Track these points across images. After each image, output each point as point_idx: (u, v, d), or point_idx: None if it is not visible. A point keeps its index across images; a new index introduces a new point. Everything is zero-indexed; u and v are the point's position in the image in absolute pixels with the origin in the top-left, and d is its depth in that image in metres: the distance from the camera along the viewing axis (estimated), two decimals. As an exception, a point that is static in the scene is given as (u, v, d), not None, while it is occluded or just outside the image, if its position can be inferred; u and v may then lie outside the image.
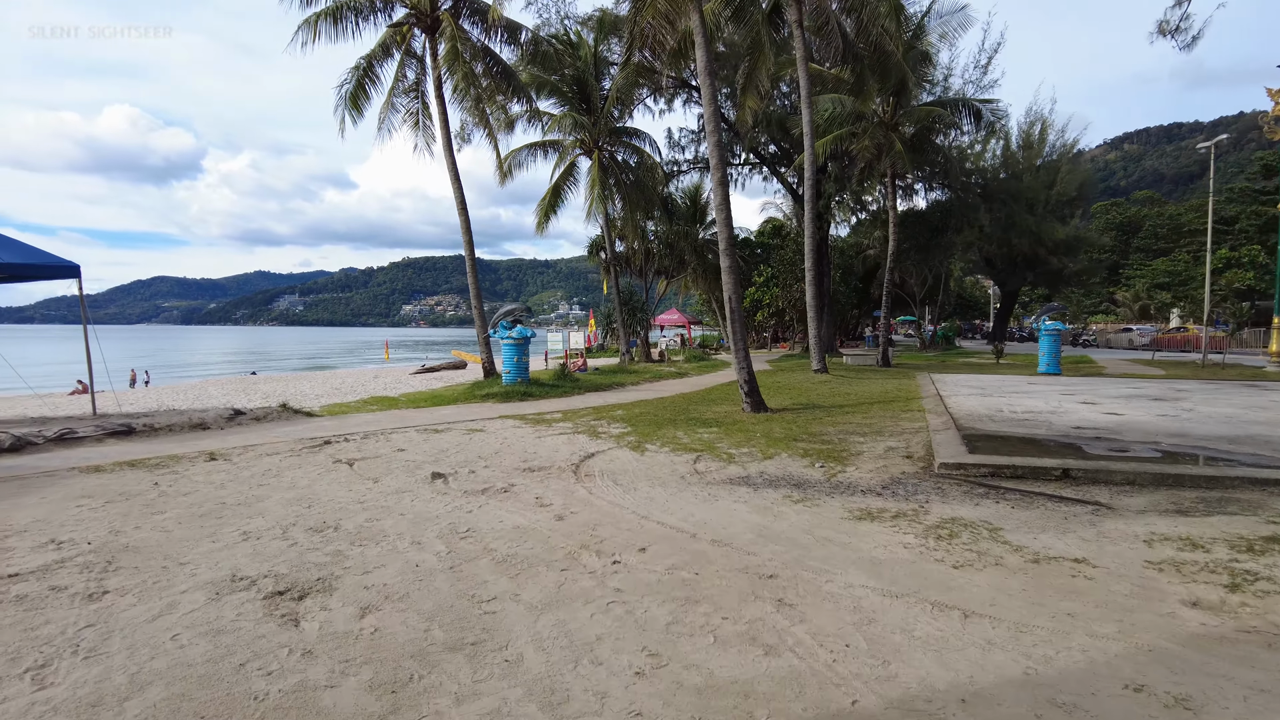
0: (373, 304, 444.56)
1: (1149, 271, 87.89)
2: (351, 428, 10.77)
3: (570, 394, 15.16)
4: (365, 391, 22.03)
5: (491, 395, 14.32)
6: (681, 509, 5.91)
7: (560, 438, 9.80)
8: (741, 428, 10.48)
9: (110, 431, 9.38)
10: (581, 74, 27.16)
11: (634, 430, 10.38)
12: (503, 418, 11.89)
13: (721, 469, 7.63)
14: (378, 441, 9.52)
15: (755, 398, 11.84)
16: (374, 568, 4.45)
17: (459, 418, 11.95)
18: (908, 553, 4.76)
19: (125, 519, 5.63)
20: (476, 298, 18.13)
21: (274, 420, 11.32)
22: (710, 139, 11.85)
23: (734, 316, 11.93)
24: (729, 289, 11.90)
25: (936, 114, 23.00)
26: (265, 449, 8.91)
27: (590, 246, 35.97)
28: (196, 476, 7.29)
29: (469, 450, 8.84)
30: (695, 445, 9.05)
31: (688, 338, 52.31)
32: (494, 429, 10.68)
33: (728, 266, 11.85)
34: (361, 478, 7.23)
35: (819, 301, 19.17)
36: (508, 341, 15.39)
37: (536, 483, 6.98)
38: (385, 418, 12.08)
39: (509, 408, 13.21)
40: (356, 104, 18.65)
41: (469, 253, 18.15)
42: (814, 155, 18.82)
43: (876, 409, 12.38)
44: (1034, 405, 12.37)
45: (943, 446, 8.24)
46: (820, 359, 19.16)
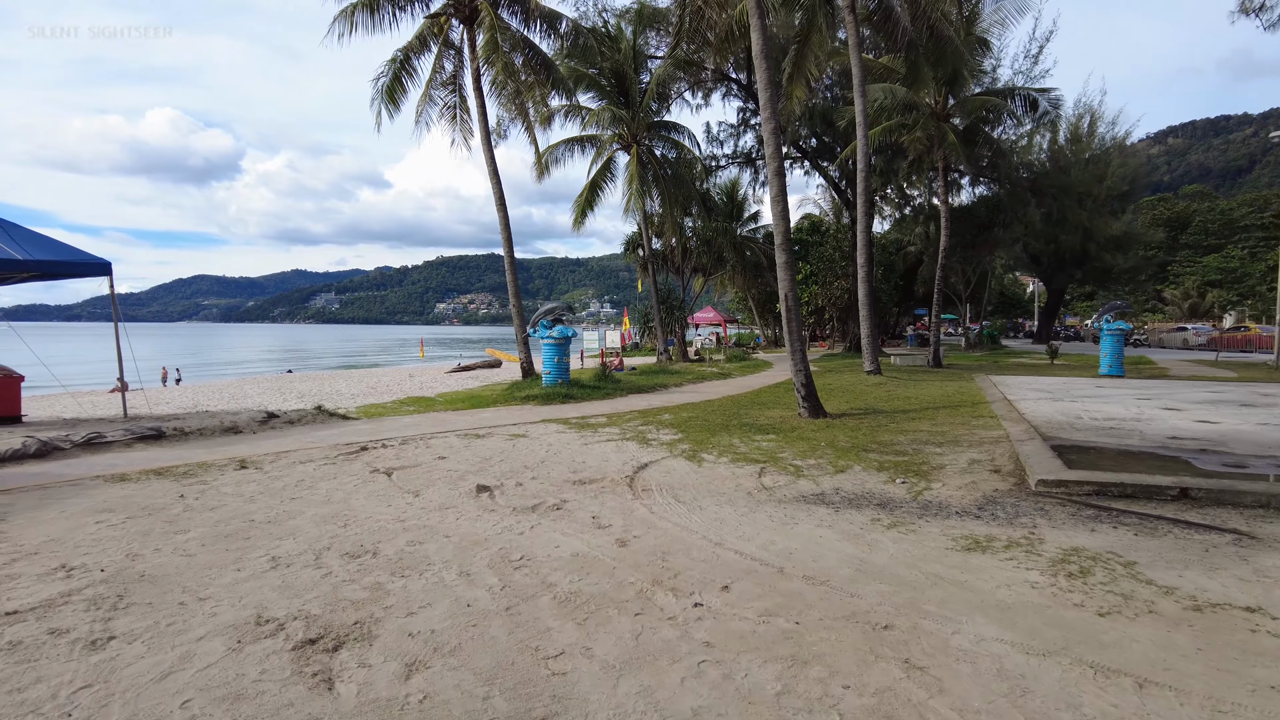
0: (407, 302, 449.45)
1: (1200, 269, 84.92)
2: (389, 432, 10.26)
3: (612, 396, 14.55)
4: (401, 391, 21.67)
5: (532, 397, 13.76)
6: (758, 534, 5.24)
7: (608, 445, 9.17)
8: (802, 435, 9.76)
9: (139, 436, 8.96)
10: (620, 66, 26.52)
11: (686, 437, 9.72)
12: (545, 421, 11.30)
13: (791, 483, 6.93)
14: (417, 448, 8.99)
15: (813, 402, 11.11)
16: (419, 607, 3.85)
17: (500, 421, 11.39)
18: (1038, 595, 4.04)
19: (145, 539, 5.11)
20: (515, 295, 17.60)
21: (308, 423, 10.87)
22: (766, 126, 11.13)
23: (789, 315, 11.20)
24: (785, 286, 11.18)
25: (992, 104, 21.94)
26: (299, 456, 8.42)
27: (626, 244, 35.38)
28: (225, 488, 6.79)
29: (514, 459, 8.25)
30: (756, 455, 8.36)
31: (723, 336, 51.48)
32: (537, 434, 10.09)
33: (784, 262, 11.12)
34: (401, 490, 6.67)
35: (871, 299, 18.31)
36: (548, 341, 14.82)
37: (590, 498, 6.36)
38: (423, 421, 11.57)
39: (551, 410, 12.62)
40: (393, 98, 18.24)
41: (508, 249, 17.62)
42: (867, 145, 17.96)
43: (944, 415, 11.56)
44: (1114, 411, 11.45)
45: (1034, 460, 7.45)
46: (874, 360, 18.30)
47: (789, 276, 11.14)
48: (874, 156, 28.82)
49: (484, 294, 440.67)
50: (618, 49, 26.66)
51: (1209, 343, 41.37)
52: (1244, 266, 79.04)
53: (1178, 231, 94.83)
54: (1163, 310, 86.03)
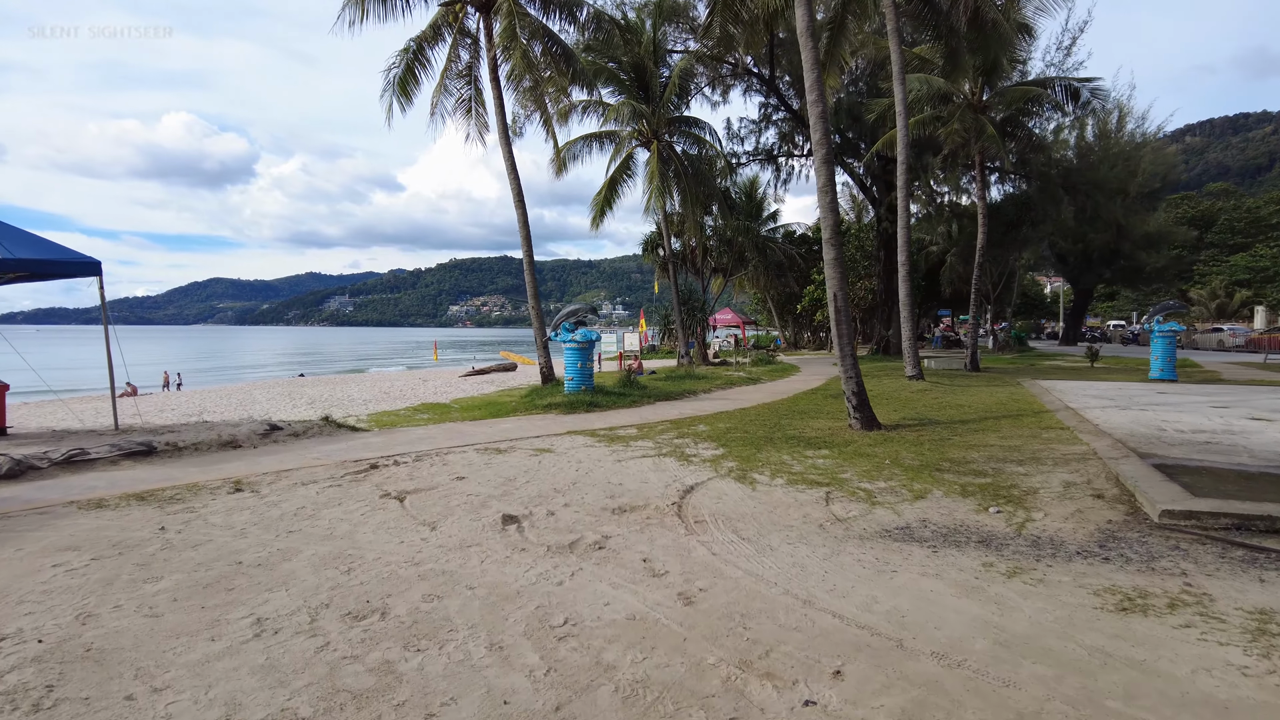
0: (420, 305, 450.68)
1: (1227, 268, 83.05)
2: (401, 446, 9.36)
3: (639, 403, 13.60)
4: (415, 397, 20.82)
5: (554, 405, 12.83)
6: (853, 586, 4.27)
7: (644, 461, 8.23)
8: (859, 451, 8.78)
9: (126, 452, 8.10)
10: (640, 60, 25.60)
11: (729, 453, 8.76)
12: (571, 434, 10.37)
13: (866, 513, 5.96)
14: (432, 466, 8.07)
15: (866, 412, 10.12)
16: (440, 705, 2.92)
17: (522, 433, 10.46)
18: (1258, 688, 3.05)
19: (107, 591, 4.22)
20: (533, 296, 16.70)
21: (314, 436, 9.99)
22: (813, 110, 10.15)
23: (839, 316, 10.22)
24: (833, 283, 10.19)
25: (1034, 94, 20.84)
26: (301, 476, 7.52)
27: (645, 244, 34.44)
28: (214, 517, 5.90)
29: (541, 479, 7.32)
30: (815, 476, 7.39)
31: (742, 338, 50.41)
32: (564, 448, 9.16)
33: (832, 258, 10.14)
34: (415, 521, 5.76)
35: (912, 300, 17.28)
36: (570, 345, 13.89)
37: (636, 532, 5.42)
38: (439, 433, 10.66)
39: (575, 421, 11.69)
40: (405, 90, 17.40)
41: (526, 248, 16.73)
42: (908, 134, 16.92)
43: (1008, 426, 10.54)
44: (1197, 422, 10.39)
45: (1144, 484, 6.44)
46: (915, 364, 17.25)
47: (838, 274, 10.15)
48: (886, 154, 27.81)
49: (497, 296, 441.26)
50: (638, 42, 25.75)
51: (1247, 344, 39.96)
52: (1276, 265, 77.06)
53: (1203, 230, 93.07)
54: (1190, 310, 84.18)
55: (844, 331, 10.20)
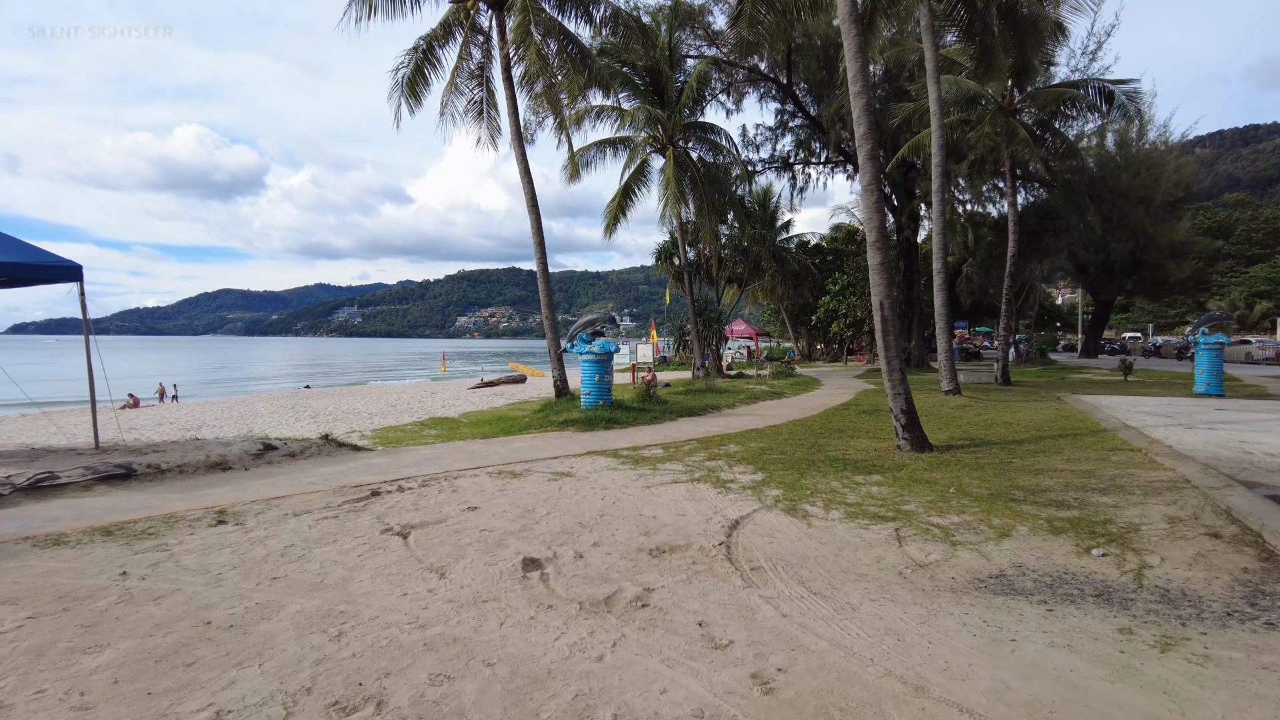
0: (429, 316, 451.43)
1: (1246, 279, 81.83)
2: (407, 468, 8.52)
3: (661, 420, 12.72)
4: (422, 410, 20.01)
5: (570, 422, 11.97)
6: (968, 663, 3.39)
7: (676, 488, 7.36)
8: (916, 476, 7.88)
9: (102, 475, 7.28)
10: (656, 64, 24.89)
11: (769, 477, 7.88)
12: (591, 454, 9.51)
13: (948, 556, 5.08)
14: (440, 492, 7.22)
15: (916, 432, 9.22)
16: None
17: (538, 453, 9.61)
18: None
19: (32, 669, 3.37)
20: (547, 306, 15.88)
21: (312, 456, 9.15)
22: (857, 102, 9.32)
23: (886, 326, 9.34)
24: (879, 291, 9.31)
25: (1069, 95, 19.97)
26: (294, 504, 6.69)
27: (658, 253, 33.68)
28: (188, 558, 5.06)
29: (563, 509, 6.46)
30: (874, 507, 6.50)
31: (755, 350, 49.49)
32: (585, 472, 8.30)
33: (878, 263, 9.27)
34: (421, 565, 4.90)
35: (947, 310, 16.37)
36: (587, 358, 13.04)
37: (682, 582, 4.55)
38: (448, 452, 9.82)
39: (594, 439, 10.83)
40: (414, 91, 16.70)
41: (540, 254, 15.92)
42: (943, 136, 16.06)
43: (1069, 446, 9.62)
44: (1278, 443, 9.46)
45: (1272, 522, 5.54)
46: (952, 377, 16.31)
47: (885, 280, 9.28)
48: (912, 160, 26.96)
49: (504, 307, 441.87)
50: (653, 45, 25.05)
51: (1277, 356, 38.82)
52: (1298, 276, 75.85)
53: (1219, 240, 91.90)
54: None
55: (891, 344, 9.32)
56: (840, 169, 33.71)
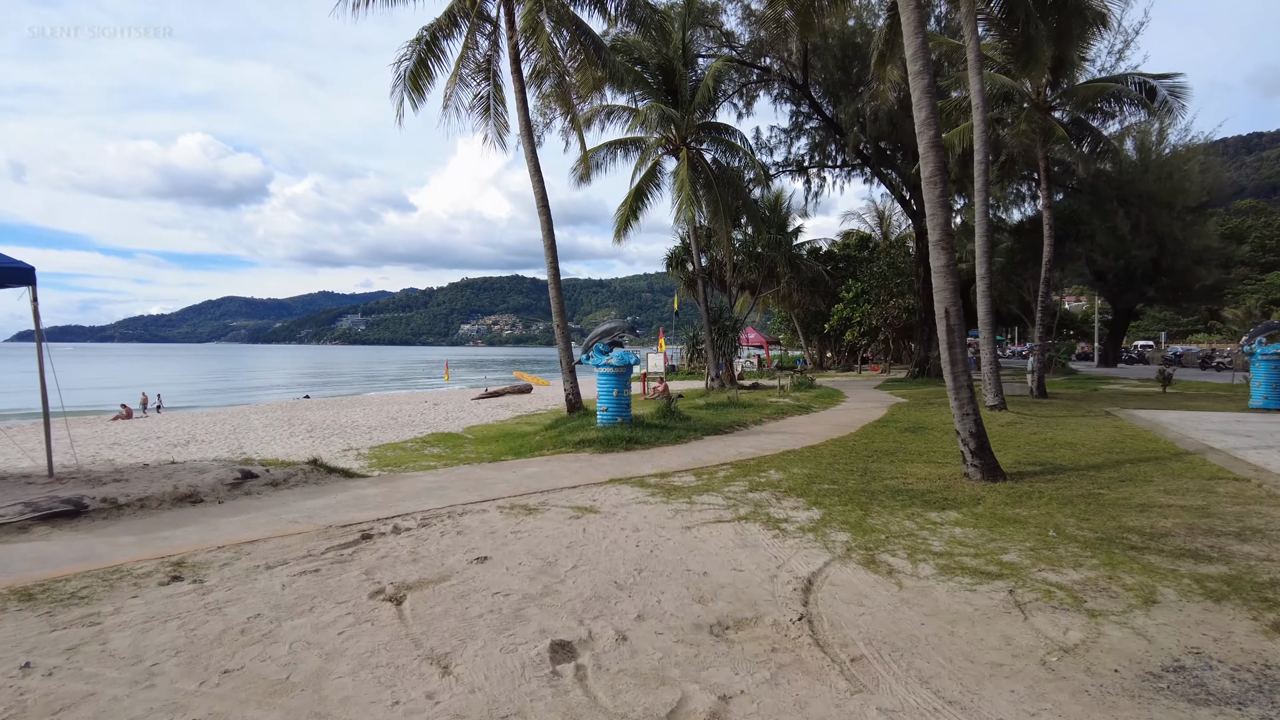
0: (432, 323, 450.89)
1: (1263, 286, 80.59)
2: (404, 500, 7.40)
3: (686, 439, 11.58)
4: (424, 424, 18.93)
5: (587, 442, 10.82)
6: None
7: (722, 530, 6.23)
8: (998, 513, 6.74)
9: (45, 513, 6.16)
10: (669, 62, 23.89)
11: (827, 514, 6.74)
12: (615, 483, 8.37)
13: (1093, 634, 3.93)
14: (443, 534, 6.10)
15: (987, 458, 8.07)
16: None
17: (553, 480, 8.48)
18: None
19: None
20: (559, 314, 14.74)
21: (297, 485, 8.03)
22: (918, 83, 8.24)
23: (952, 337, 8.20)
24: (944, 296, 8.18)
25: (1111, 90, 18.85)
26: (268, 552, 5.57)
27: (669, 258, 32.57)
28: (119, 639, 3.94)
29: (592, 560, 5.33)
30: (966, 557, 5.36)
31: (765, 359, 48.35)
32: (610, 505, 7.17)
33: (943, 265, 8.14)
34: (418, 653, 3.77)
35: (991, 319, 15.23)
36: (605, 371, 11.89)
37: (766, 685, 3.40)
38: (451, 480, 8.69)
39: (615, 463, 9.70)
40: (417, 85, 15.67)
41: (550, 258, 14.81)
42: (986, 132, 14.93)
43: (1155, 473, 8.45)
44: (1396, 470, 8.30)
45: None
46: (998, 391, 15.14)
47: (951, 284, 8.15)
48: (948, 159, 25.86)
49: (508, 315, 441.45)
50: (666, 42, 24.04)
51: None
52: (1315, 284, 74.60)
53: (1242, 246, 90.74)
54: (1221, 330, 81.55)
55: (958, 356, 8.18)
56: (857, 173, 32.62)
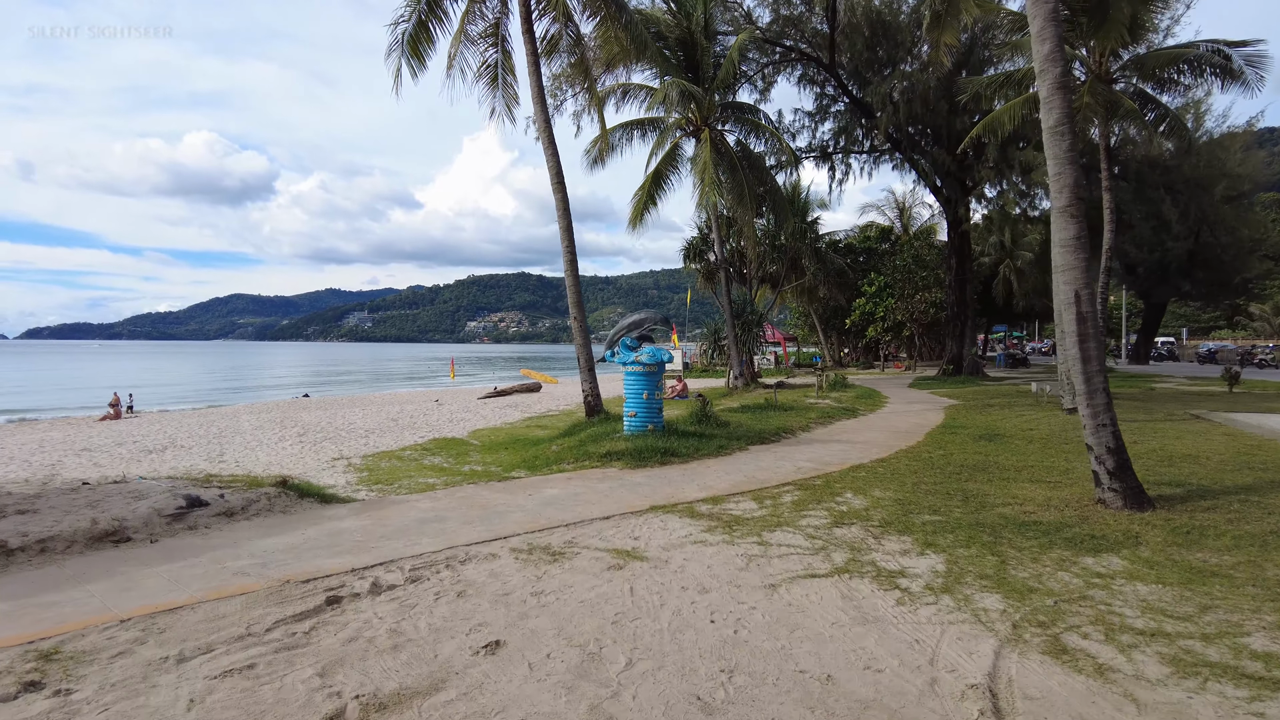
0: (438, 320, 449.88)
1: (1292, 281, 78.46)
2: (391, 538, 5.73)
3: (729, 450, 9.86)
4: (426, 426, 17.30)
5: (614, 455, 9.11)
6: None
7: (822, 590, 4.54)
8: (1176, 559, 5.02)
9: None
10: (689, 36, 22.15)
11: (952, 564, 5.04)
12: (657, 511, 6.67)
13: None
14: (439, 597, 4.42)
15: (1129, 480, 6.35)
16: None
17: (581, 508, 6.79)
18: None
19: None
20: (576, 305, 13.03)
21: (258, 514, 6.37)
22: (1039, 9, 6.53)
23: (1084, 328, 6.48)
24: (1076, 277, 6.45)
25: (1186, 57, 17.00)
26: (190, 629, 3.91)
27: (686, 249, 30.79)
28: None
29: (652, 650, 3.65)
30: (1193, 641, 3.66)
31: (783, 355, 46.53)
32: (659, 548, 5.48)
33: (1073, 238, 6.41)
34: None
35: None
36: (633, 369, 10.17)
37: None
38: (453, 506, 7.01)
39: (652, 482, 8.00)
40: (417, 50, 14.01)
41: (567, 241, 13.10)
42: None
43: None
44: None
45: None
46: None
47: (1083, 261, 6.44)
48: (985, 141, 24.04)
49: (514, 312, 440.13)
50: (687, 16, 22.30)
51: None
52: (1349, 278, 72.39)
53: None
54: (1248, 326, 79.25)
55: (1093, 352, 6.47)
56: (886, 159, 30.76)
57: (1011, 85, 19.64)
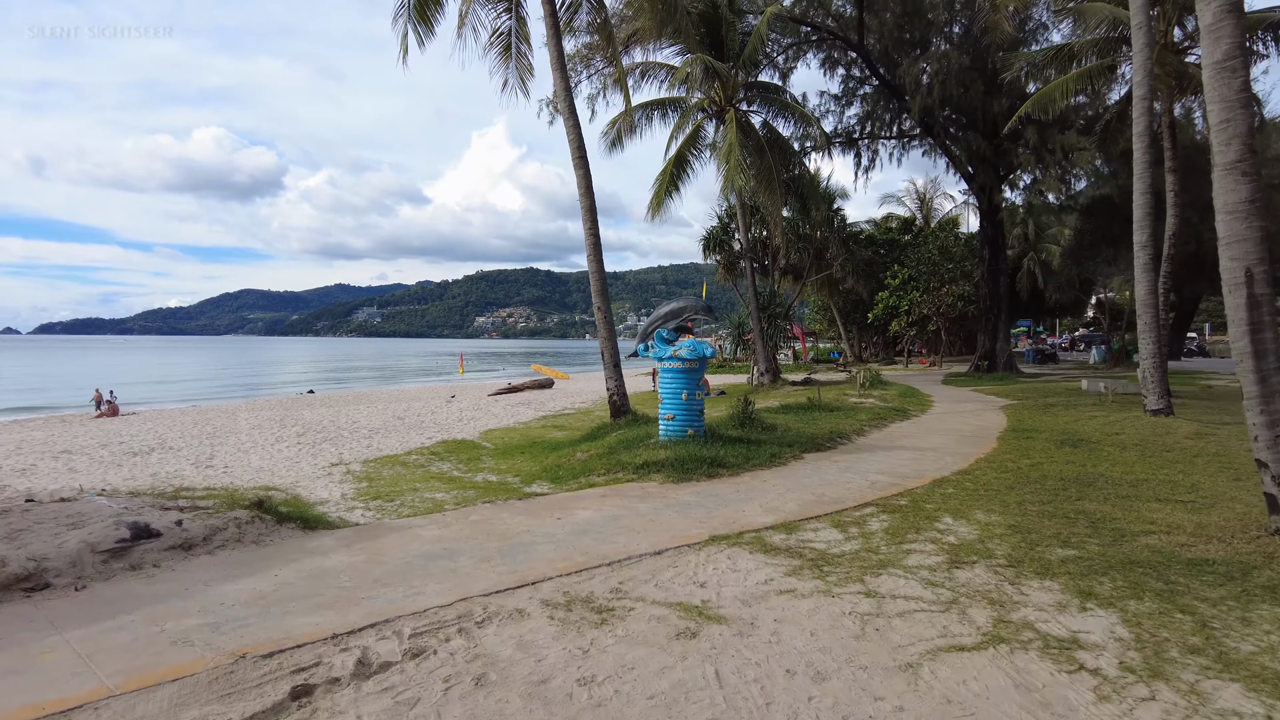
0: (447, 315, 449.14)
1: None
2: (386, 585, 4.45)
3: (783, 459, 8.52)
4: (434, 425, 16.09)
5: (653, 466, 7.79)
6: None
7: (982, 671, 3.24)
8: None
9: None
10: (714, 8, 20.76)
11: (1131, 624, 3.74)
12: (719, 542, 5.37)
13: None
14: (448, 687, 3.14)
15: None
16: None
17: (624, 538, 5.50)
18: None
19: None
20: (600, 295, 11.70)
21: (221, 548, 5.10)
22: None
23: (1257, 313, 5.10)
24: (1251, 251, 5.07)
25: (1270, 21, 15.54)
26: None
27: (706, 239, 29.35)
28: None
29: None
30: None
31: (800, 351, 45.08)
32: (734, 600, 4.18)
33: (1246, 199, 5.07)
34: None
35: (1154, 299, 12.10)
36: (671, 365, 8.82)
37: None
38: (465, 535, 5.73)
39: (702, 500, 6.70)
40: (424, 14, 12.79)
41: (589, 221, 11.76)
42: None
43: None
44: None
45: None
46: (1164, 391, 11.96)
47: (1255, 231, 5.07)
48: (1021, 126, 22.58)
49: (522, 307, 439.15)
50: (710, -12, 20.91)
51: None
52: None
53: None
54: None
55: (1270, 345, 5.10)
56: (916, 144, 29.25)
57: (1062, 61, 18.22)
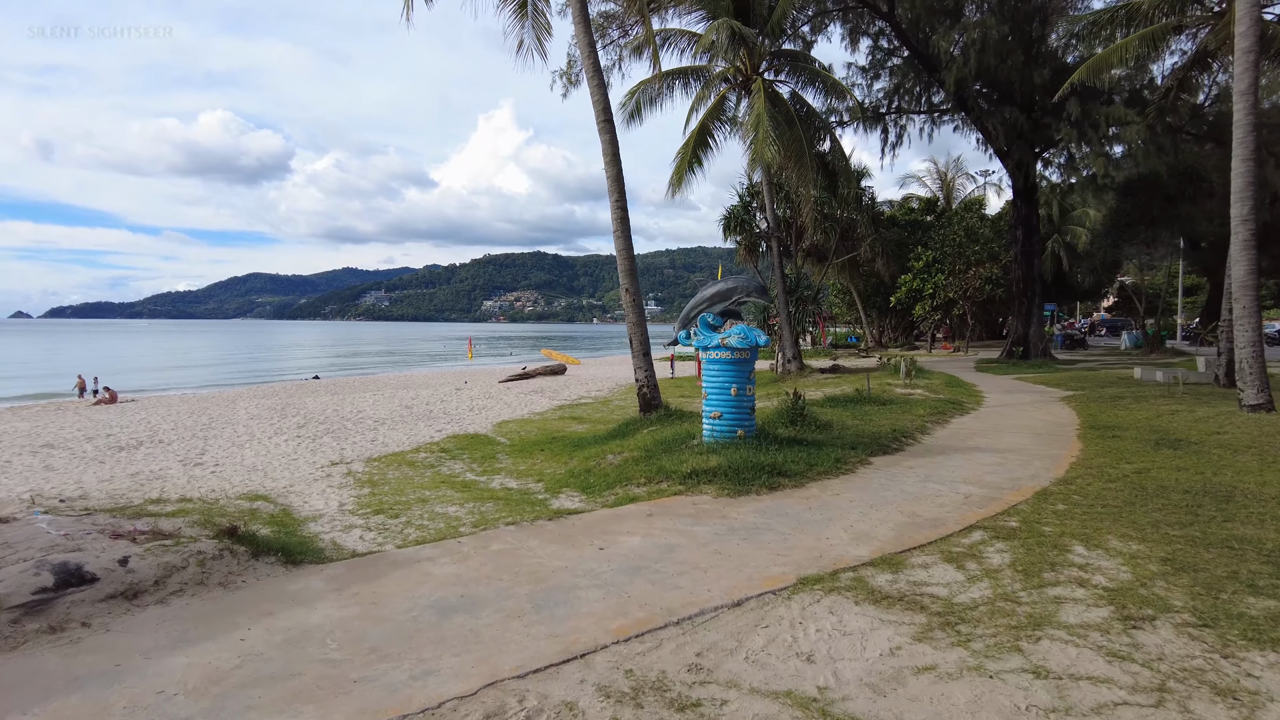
0: (455, 299, 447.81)
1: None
2: (388, 655, 3.33)
3: (848, 464, 7.31)
4: (444, 416, 15.04)
5: (702, 474, 6.62)
6: None
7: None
8: None
9: None
10: (740, -31, 19.39)
11: None
12: (809, 586, 4.21)
13: None
14: None
15: None
16: None
17: (693, 586, 4.35)
18: None
19: None
20: (628, 275, 10.49)
21: (179, 592, 3.98)
22: None
23: None
24: None
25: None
26: None
27: (726, 219, 27.96)
28: None
29: None
30: None
31: (819, 336, 43.75)
32: (861, 685, 3.04)
33: None
34: None
35: (1253, 279, 10.84)
36: (718, 356, 7.58)
37: None
38: (487, 575, 4.61)
39: (769, 521, 5.55)
40: (431, -35, 11.52)
41: (616, 193, 10.54)
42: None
43: None
44: None
45: None
46: (1264, 384, 10.63)
47: None
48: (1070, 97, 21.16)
49: (530, 291, 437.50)
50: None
51: None
52: None
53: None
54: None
55: None
56: (948, 119, 27.76)
57: (1119, 23, 16.84)
